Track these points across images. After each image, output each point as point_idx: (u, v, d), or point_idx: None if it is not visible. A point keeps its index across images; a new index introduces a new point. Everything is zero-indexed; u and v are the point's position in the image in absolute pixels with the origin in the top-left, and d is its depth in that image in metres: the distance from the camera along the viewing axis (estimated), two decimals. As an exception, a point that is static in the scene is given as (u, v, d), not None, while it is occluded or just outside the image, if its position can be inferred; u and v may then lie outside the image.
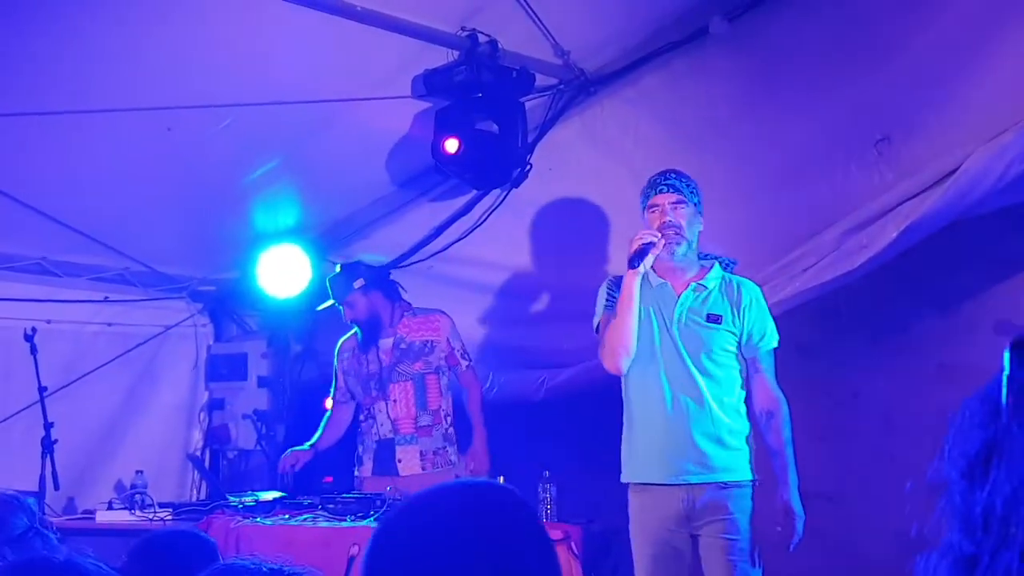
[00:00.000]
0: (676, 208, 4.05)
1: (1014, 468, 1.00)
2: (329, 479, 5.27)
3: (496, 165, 4.91)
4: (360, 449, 5.28)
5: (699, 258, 4.15)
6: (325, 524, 4.55)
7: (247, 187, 5.28)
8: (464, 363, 5.25)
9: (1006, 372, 1.03)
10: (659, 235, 3.99)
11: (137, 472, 5.30)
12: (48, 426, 4.96)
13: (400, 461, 5.14)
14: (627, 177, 5.00)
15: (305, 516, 4.67)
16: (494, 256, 5.43)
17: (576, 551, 4.30)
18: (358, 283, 5.21)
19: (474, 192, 5.30)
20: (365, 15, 4.29)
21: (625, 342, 4.05)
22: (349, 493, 4.96)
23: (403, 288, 5.37)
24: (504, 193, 5.21)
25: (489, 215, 5.30)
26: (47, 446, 4.94)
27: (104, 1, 3.95)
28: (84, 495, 5.51)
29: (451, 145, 4.76)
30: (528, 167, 5.02)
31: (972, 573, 1.01)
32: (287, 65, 4.51)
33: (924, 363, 4.76)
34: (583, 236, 5.15)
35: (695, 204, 4.09)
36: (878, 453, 4.82)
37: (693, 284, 4.08)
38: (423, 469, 5.13)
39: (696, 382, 4.01)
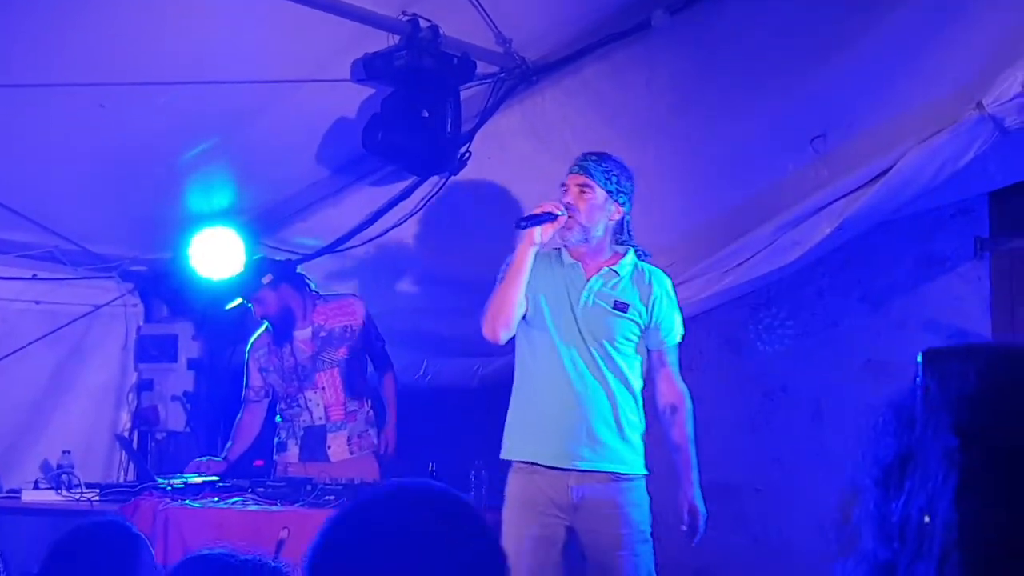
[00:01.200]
0: (583, 192, 3.97)
1: (928, 478, 1.01)
2: (260, 463, 5.24)
3: (430, 152, 4.86)
4: (283, 435, 5.26)
5: (616, 243, 4.09)
6: (255, 508, 4.52)
7: (181, 167, 5.21)
8: (378, 344, 5.27)
9: (919, 381, 1.05)
10: (564, 210, 3.90)
11: (64, 452, 5.23)
12: (-26, 405, 4.88)
13: (330, 447, 5.15)
14: (566, 166, 4.99)
15: (235, 499, 4.64)
16: (431, 243, 5.42)
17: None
18: (266, 279, 5.18)
19: (413, 178, 5.27)
20: (305, -4, 4.25)
21: (507, 311, 3.95)
22: (279, 477, 4.95)
23: (310, 279, 5.37)
24: (443, 180, 5.19)
25: (427, 202, 5.28)
26: (-28, 425, 4.86)
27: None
28: (9, 475, 5.39)
29: (376, 133, 4.72)
30: (467, 155, 5.00)
31: None
32: (225, 44, 4.45)
33: (853, 358, 4.83)
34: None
35: (610, 192, 3.99)
36: (806, 445, 4.88)
37: (605, 268, 4.03)
38: (351, 453, 5.17)
39: (599, 367, 3.95)
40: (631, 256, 4.10)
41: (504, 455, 4.06)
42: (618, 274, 4.05)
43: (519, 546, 3.89)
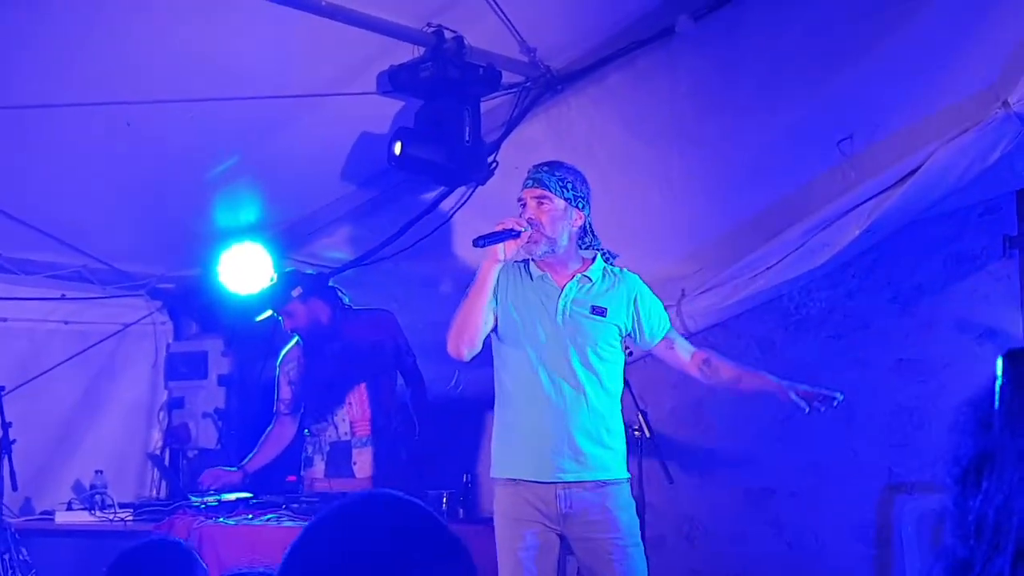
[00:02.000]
0: (541, 204, 3.95)
1: (1005, 477, 1.01)
2: (292, 478, 5.24)
3: (451, 163, 4.85)
4: (310, 450, 5.23)
5: (582, 248, 4.08)
6: (289, 524, 4.52)
7: (208, 183, 5.22)
8: (409, 360, 5.24)
9: (999, 382, 1.05)
10: (527, 225, 3.89)
11: (96, 472, 5.24)
12: (5, 426, 4.87)
13: (356, 463, 5.12)
14: (592, 175, 4.97)
15: (269, 516, 4.64)
16: (460, 253, 5.42)
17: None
18: (296, 291, 5.17)
19: (440, 190, 5.28)
20: (330, 10, 4.26)
21: (471, 329, 3.94)
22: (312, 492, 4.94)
23: (343, 292, 5.35)
24: (470, 191, 5.20)
25: (454, 212, 5.29)
26: (4, 446, 4.86)
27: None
28: (42, 495, 5.42)
29: (396, 147, 4.71)
30: (494, 164, 5.01)
31: None
32: (250, 60, 4.47)
33: (884, 359, 4.82)
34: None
35: (568, 200, 3.96)
36: (839, 448, 4.87)
37: (578, 276, 4.00)
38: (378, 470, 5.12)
39: (578, 377, 3.92)
40: (599, 261, 4.06)
41: (493, 473, 4.04)
42: (591, 280, 4.01)
43: (514, 560, 3.90)
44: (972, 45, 4.29)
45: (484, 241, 3.86)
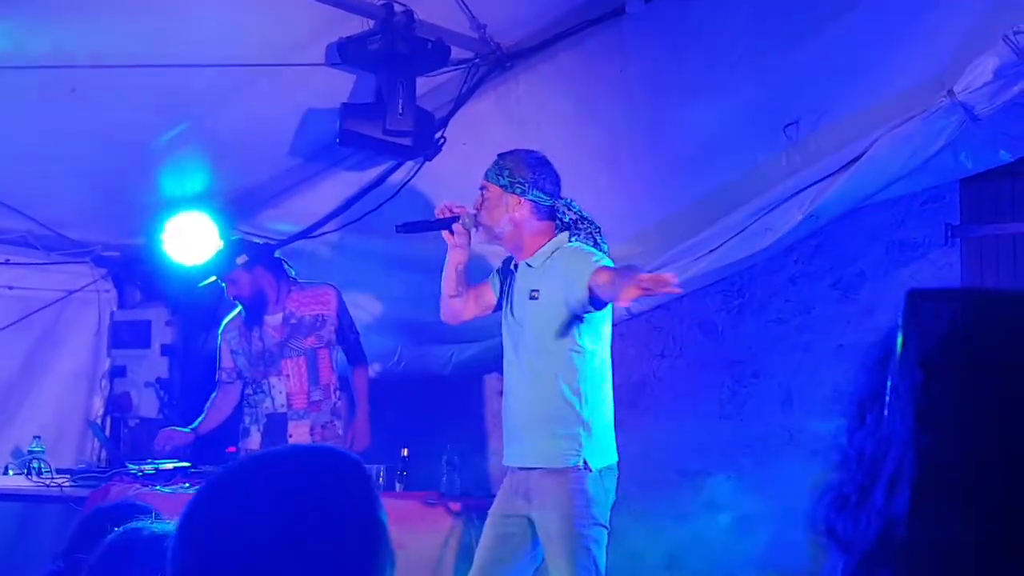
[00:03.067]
0: (480, 193, 4.06)
1: (889, 410, 1.05)
2: (232, 449, 5.23)
3: (392, 139, 4.81)
4: (247, 421, 5.24)
5: (557, 228, 4.04)
6: (227, 493, 4.51)
7: (155, 151, 5.17)
8: (351, 336, 5.23)
9: (899, 322, 1.08)
10: (467, 214, 4.04)
11: (35, 438, 5.22)
12: (-57, 389, 4.86)
13: (291, 436, 5.12)
14: (541, 152, 5.02)
15: (206, 485, 4.62)
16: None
17: (478, 523, 4.31)
18: (241, 259, 5.16)
19: (389, 163, 5.27)
20: (280, -21, 4.24)
21: (444, 308, 4.26)
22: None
23: (289, 264, 5.34)
24: (418, 166, 5.19)
25: (402, 187, 5.28)
26: (-59, 410, 4.84)
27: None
28: (-21, 459, 5.39)
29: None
30: (442, 140, 5.01)
31: (845, 508, 1.06)
32: (199, 27, 4.42)
33: (825, 343, 4.85)
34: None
35: (503, 186, 3.99)
36: (778, 431, 4.91)
37: (522, 264, 4.04)
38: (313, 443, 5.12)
39: (529, 364, 3.93)
40: (554, 242, 4.01)
41: None
42: (531, 266, 4.01)
43: (483, 538, 4.03)
44: (919, 34, 4.32)
45: (403, 229, 4.08)
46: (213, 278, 5.28)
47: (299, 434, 5.13)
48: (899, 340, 1.07)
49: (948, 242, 4.67)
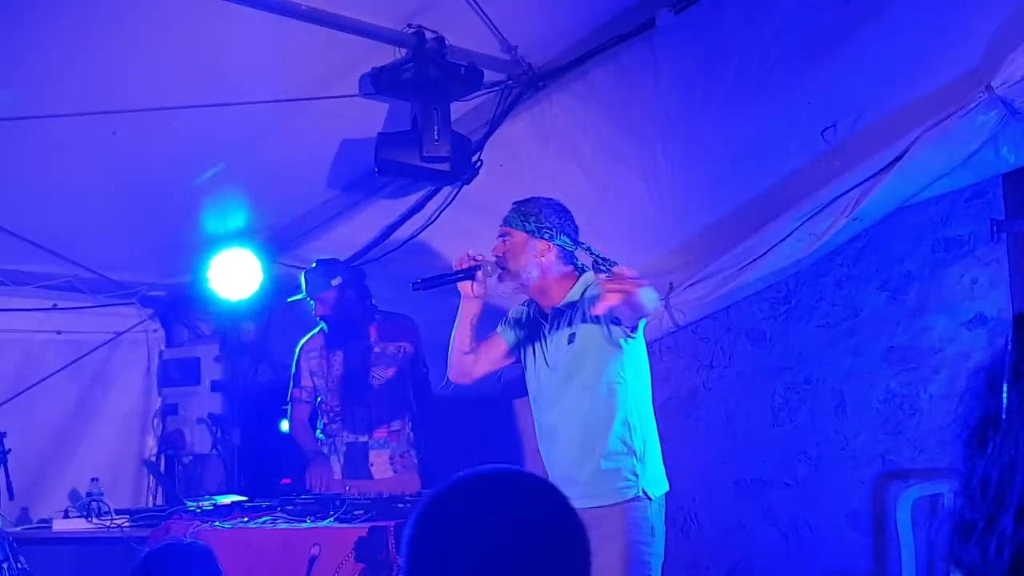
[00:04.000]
0: (504, 241, 4.00)
1: (1010, 438, 1.03)
2: (287, 480, 5.25)
3: (430, 165, 4.82)
4: (326, 451, 5.23)
5: (577, 272, 4.01)
6: (284, 526, 4.52)
7: (195, 190, 5.23)
8: (423, 370, 5.26)
9: (1009, 347, 1.06)
10: (489, 262, 3.96)
11: (92, 480, 5.25)
12: (1, 436, 4.90)
13: (373, 464, 5.13)
14: (577, 171, 5.04)
15: (264, 518, 4.64)
16: (446, 253, 5.42)
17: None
18: (336, 280, 5.17)
19: (426, 189, 5.29)
20: (310, 14, 4.26)
21: (456, 363, 4.13)
22: (307, 494, 4.94)
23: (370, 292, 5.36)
24: (455, 190, 5.20)
25: (441, 212, 5.29)
26: (0, 456, 4.89)
27: (43, 4, 3.89)
28: (38, 504, 5.44)
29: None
30: (479, 163, 5.02)
31: (970, 536, 1.04)
32: (232, 66, 4.47)
33: (874, 346, 4.82)
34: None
35: (530, 232, 3.94)
36: (831, 436, 4.88)
37: (554, 309, 3.98)
38: (394, 472, 5.14)
39: (573, 407, 3.87)
40: (583, 281, 3.99)
41: None
42: (563, 311, 3.96)
43: None
44: (953, 30, 4.30)
45: (422, 284, 3.97)
46: (301, 295, 5.25)
47: (380, 462, 5.13)
48: (1009, 365, 1.05)
49: (994, 237, 4.63)
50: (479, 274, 3.96)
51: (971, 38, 4.24)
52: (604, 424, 3.83)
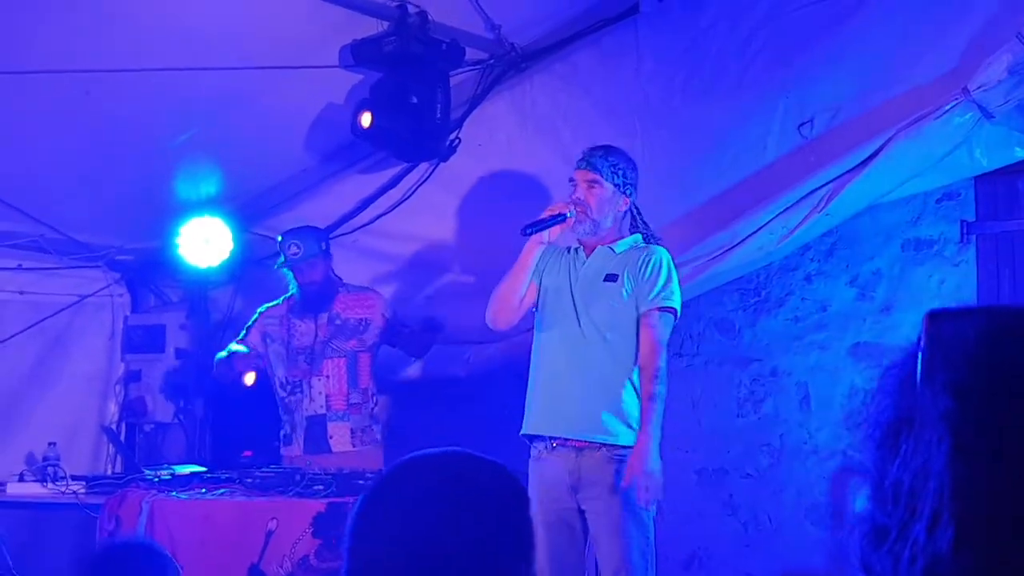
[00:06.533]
0: (591, 187, 4.07)
1: (922, 441, 1.01)
2: (248, 453, 5.21)
3: (419, 138, 4.85)
4: (287, 428, 5.19)
5: (628, 230, 4.17)
6: (242, 498, 4.49)
7: (168, 155, 5.17)
8: (405, 330, 5.20)
9: (920, 343, 1.04)
10: (573, 210, 4.02)
11: (49, 444, 5.19)
12: (-44, 396, 4.84)
13: (332, 438, 5.09)
14: (555, 153, 5.02)
15: (222, 490, 4.60)
16: (421, 230, 5.41)
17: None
18: (324, 245, 5.12)
19: (402, 165, 5.26)
20: (293, -19, 4.23)
21: (508, 305, 4.14)
22: (268, 467, 4.91)
23: None
24: (432, 167, 5.18)
25: (416, 189, 5.27)
26: (-46, 416, 4.83)
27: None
28: (-7, 466, 5.37)
29: (365, 119, 4.71)
30: (456, 141, 5.00)
31: (883, 544, 1.02)
32: (212, 31, 4.42)
33: (841, 342, 4.85)
34: (510, 212, 5.12)
35: (617, 185, 4.08)
36: (795, 429, 4.91)
37: (601, 248, 4.11)
38: (353, 446, 5.09)
39: (597, 339, 4.00)
40: (635, 238, 4.17)
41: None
42: (615, 252, 4.11)
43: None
44: (932, 30, 4.32)
45: (532, 229, 4.00)
46: (297, 256, 5.08)
47: (340, 435, 5.08)
48: (920, 364, 1.03)
49: (964, 239, 4.67)
50: (570, 220, 4.04)
51: (950, 39, 4.27)
52: (624, 366, 4.00)
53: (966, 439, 0.97)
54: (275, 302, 5.25)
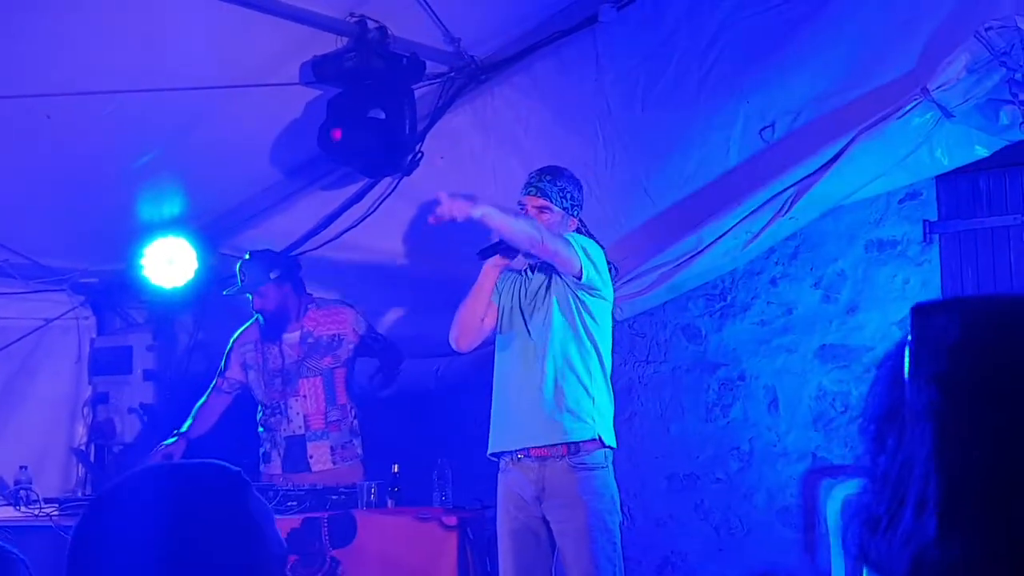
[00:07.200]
0: (541, 212, 4.09)
1: (907, 433, 1.04)
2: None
3: (385, 153, 4.86)
4: (267, 446, 5.16)
5: None
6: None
7: (130, 176, 5.15)
8: (378, 344, 5.21)
9: (908, 336, 1.07)
10: None
11: (21, 468, 5.15)
12: (-76, 423, 4.81)
13: (312, 457, 5.08)
14: (518, 165, 5.01)
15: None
16: (386, 244, 5.40)
17: (472, 537, 4.31)
18: (274, 274, 5.08)
19: (366, 180, 5.26)
20: (251, 0, 4.22)
21: (466, 326, 4.17)
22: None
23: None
24: (395, 181, 5.18)
25: (381, 203, 5.27)
26: (-76, 443, 4.79)
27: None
28: (-36, 493, 5.33)
29: (336, 133, 4.71)
30: (419, 155, 5.00)
31: (876, 531, 1.05)
32: (171, 51, 4.41)
33: (807, 344, 4.87)
34: (475, 224, 5.13)
35: (566, 208, 4.12)
36: (764, 433, 4.93)
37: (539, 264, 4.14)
38: (334, 464, 5.08)
39: (538, 350, 4.05)
40: None
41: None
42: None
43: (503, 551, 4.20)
44: (890, 31, 4.37)
45: (486, 253, 4.02)
46: (237, 288, 5.14)
47: (320, 455, 5.07)
48: (908, 358, 1.06)
49: (927, 238, 4.70)
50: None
51: (908, 40, 4.31)
52: (569, 369, 4.03)
53: (949, 428, 1.00)
54: (246, 325, 5.25)
